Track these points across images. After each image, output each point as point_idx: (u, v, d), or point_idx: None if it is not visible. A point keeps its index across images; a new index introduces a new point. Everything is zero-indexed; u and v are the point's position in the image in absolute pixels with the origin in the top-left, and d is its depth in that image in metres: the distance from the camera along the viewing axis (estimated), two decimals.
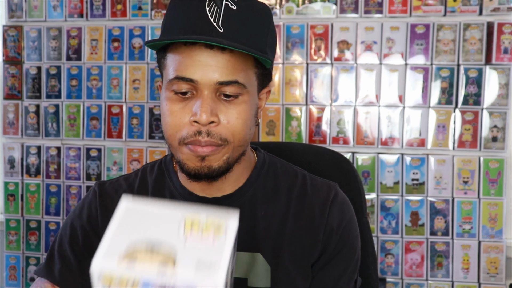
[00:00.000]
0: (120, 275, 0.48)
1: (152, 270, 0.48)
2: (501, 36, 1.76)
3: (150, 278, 0.47)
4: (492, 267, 1.80)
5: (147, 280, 0.47)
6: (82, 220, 0.88)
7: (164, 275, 0.47)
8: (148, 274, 0.47)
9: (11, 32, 2.07)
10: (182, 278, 0.47)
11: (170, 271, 0.47)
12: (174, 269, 0.48)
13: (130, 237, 0.50)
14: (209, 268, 0.48)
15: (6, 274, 2.11)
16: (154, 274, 0.47)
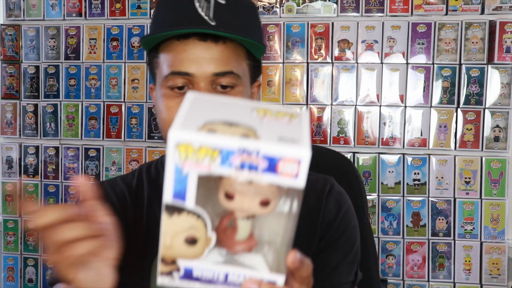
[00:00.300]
0: (199, 143, 0.45)
1: (233, 139, 0.45)
2: (503, 35, 1.75)
3: (231, 147, 0.44)
4: (494, 268, 1.78)
5: (228, 148, 0.44)
6: None
7: (246, 145, 0.44)
8: (229, 143, 0.44)
9: (9, 31, 2.05)
10: (266, 147, 0.44)
11: (252, 141, 0.44)
12: (256, 140, 0.45)
13: (204, 115, 0.48)
14: (293, 141, 0.45)
15: (4, 275, 2.09)
16: (236, 143, 0.44)
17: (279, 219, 0.51)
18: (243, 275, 0.50)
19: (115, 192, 0.90)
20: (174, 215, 0.48)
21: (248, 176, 0.45)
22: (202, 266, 0.50)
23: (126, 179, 0.92)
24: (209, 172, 0.46)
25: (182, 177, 0.46)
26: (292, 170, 0.45)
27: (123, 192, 0.89)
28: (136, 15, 1.96)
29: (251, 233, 0.51)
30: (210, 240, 0.49)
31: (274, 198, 0.49)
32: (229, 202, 0.49)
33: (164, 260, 0.50)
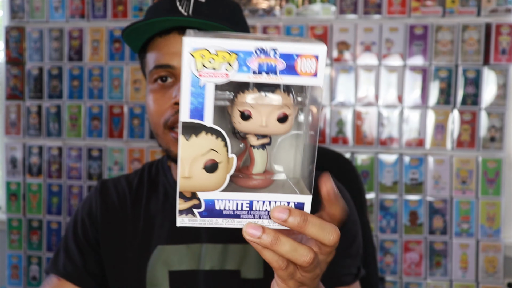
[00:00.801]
0: (215, 47, 0.43)
1: (250, 40, 0.44)
2: (499, 37, 1.77)
3: (248, 48, 0.43)
4: (490, 266, 1.81)
5: (245, 50, 0.43)
6: (83, 213, 0.93)
7: (263, 45, 0.44)
8: (246, 44, 0.43)
9: (13, 33, 2.08)
10: (283, 45, 0.44)
11: (269, 42, 0.44)
12: (273, 41, 0.44)
13: (213, 37, 0.45)
14: (310, 41, 0.45)
15: (8, 273, 2.12)
16: (253, 43, 0.44)
17: (295, 141, 0.49)
18: (268, 201, 0.47)
19: (117, 191, 0.93)
20: (192, 137, 0.45)
21: (267, 79, 0.44)
22: (223, 196, 0.47)
23: (129, 178, 0.96)
24: (228, 80, 0.44)
25: (199, 91, 0.44)
26: (311, 67, 0.44)
27: (124, 191, 0.93)
28: (137, 17, 1.98)
29: (267, 165, 0.49)
30: (232, 163, 0.47)
31: (291, 113, 0.48)
32: (245, 123, 0.47)
33: (183, 194, 0.47)
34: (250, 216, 0.48)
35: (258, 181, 0.49)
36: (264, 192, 0.47)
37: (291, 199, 0.47)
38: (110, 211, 0.91)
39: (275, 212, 0.46)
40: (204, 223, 0.48)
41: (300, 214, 0.46)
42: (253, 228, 0.46)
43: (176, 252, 0.84)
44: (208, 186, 0.46)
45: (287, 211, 0.46)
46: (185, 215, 0.47)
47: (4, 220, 2.14)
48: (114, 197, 0.92)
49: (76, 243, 0.91)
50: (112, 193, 0.93)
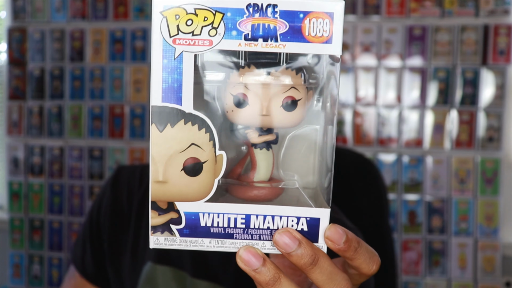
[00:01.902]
0: (194, 4, 0.33)
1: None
2: (497, 37, 1.79)
3: (238, 4, 0.33)
4: (488, 265, 1.82)
5: (234, 7, 0.33)
6: (95, 204, 0.87)
7: (258, 2, 0.33)
8: (236, 1, 0.33)
9: (15, 34, 2.10)
10: (286, 1, 0.33)
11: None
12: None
13: None
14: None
15: (10, 272, 2.14)
16: (244, 1, 0.33)
17: (309, 137, 0.38)
18: (271, 215, 0.35)
19: (128, 185, 0.85)
20: (167, 127, 0.34)
21: (264, 46, 0.33)
22: (211, 208, 0.35)
23: (143, 172, 0.86)
24: (211, 48, 0.34)
25: (174, 64, 0.34)
26: (323, 30, 0.34)
27: (134, 187, 0.85)
28: (138, 18, 2.00)
29: (273, 171, 0.38)
30: (221, 164, 0.35)
31: (301, 98, 0.36)
32: (240, 111, 0.36)
33: (157, 205, 0.35)
34: (246, 236, 0.36)
35: (261, 190, 0.37)
36: (266, 204, 0.36)
37: (303, 213, 0.36)
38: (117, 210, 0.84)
39: (280, 238, 0.35)
40: (185, 244, 0.36)
41: (311, 251, 0.35)
42: (251, 255, 0.35)
43: (162, 274, 0.75)
44: (190, 194, 0.35)
45: (296, 241, 0.35)
46: (160, 233, 0.36)
47: (6, 219, 2.16)
48: (124, 193, 0.84)
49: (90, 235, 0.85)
50: (124, 188, 0.84)
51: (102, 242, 0.85)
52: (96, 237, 0.85)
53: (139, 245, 0.80)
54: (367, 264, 0.38)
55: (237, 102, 0.36)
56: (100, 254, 0.84)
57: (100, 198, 0.87)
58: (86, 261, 0.85)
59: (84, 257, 0.85)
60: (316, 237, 0.36)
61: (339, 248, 0.36)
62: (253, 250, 0.35)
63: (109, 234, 0.84)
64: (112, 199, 0.84)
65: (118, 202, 0.84)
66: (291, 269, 0.41)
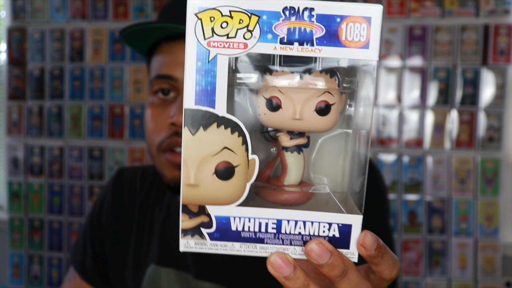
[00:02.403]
0: (229, 7, 0.33)
1: (278, 0, 0.33)
2: (497, 37, 1.79)
3: (274, 7, 0.33)
4: (489, 265, 1.82)
5: (270, 10, 0.33)
6: (94, 210, 0.87)
7: (295, 3, 0.33)
8: (272, 4, 0.33)
9: (15, 34, 2.09)
10: (321, 4, 0.33)
11: (303, 1, 0.33)
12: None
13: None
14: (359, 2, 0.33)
15: (10, 272, 2.14)
16: (280, 4, 0.33)
17: (342, 142, 0.37)
18: (303, 221, 0.35)
19: (130, 187, 0.84)
20: (199, 130, 0.34)
21: (300, 50, 0.33)
22: (242, 212, 0.35)
23: (145, 173, 0.85)
24: (246, 51, 0.33)
25: (208, 67, 0.34)
26: (361, 34, 0.33)
27: (135, 189, 0.84)
28: (138, 18, 2.00)
29: (303, 174, 0.38)
30: (254, 168, 0.35)
31: (335, 102, 0.36)
32: (273, 114, 0.36)
33: (188, 208, 0.35)
34: (277, 241, 0.36)
35: (291, 194, 0.37)
36: (297, 209, 0.36)
37: (335, 219, 0.36)
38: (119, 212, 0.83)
39: (313, 249, 0.35)
40: (216, 248, 0.36)
41: (341, 263, 0.36)
42: (282, 261, 0.35)
43: (166, 276, 0.75)
44: (221, 198, 0.35)
45: (329, 253, 0.35)
46: (190, 236, 0.36)
47: (5, 219, 2.16)
48: (126, 195, 0.84)
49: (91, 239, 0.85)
50: (125, 190, 0.84)
51: (103, 244, 0.84)
52: (97, 239, 0.84)
53: (142, 247, 0.79)
54: (389, 270, 0.38)
55: (270, 105, 0.36)
56: (101, 256, 0.84)
57: (101, 200, 0.86)
58: (87, 263, 0.84)
59: (85, 259, 0.84)
60: (347, 243, 0.36)
61: (370, 255, 0.36)
62: (284, 256, 0.35)
63: (111, 236, 0.83)
64: (113, 201, 0.84)
65: (120, 204, 0.83)
66: (315, 273, 0.41)
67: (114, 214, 0.84)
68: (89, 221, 0.86)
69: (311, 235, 0.36)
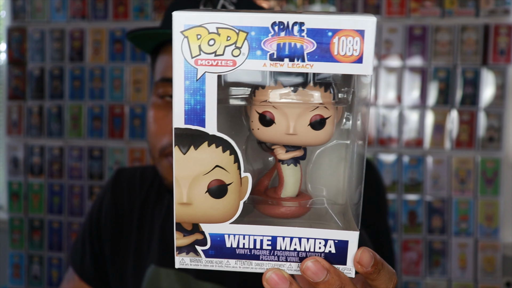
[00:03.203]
0: (216, 24, 0.32)
1: (264, 15, 0.31)
2: (497, 37, 1.79)
3: (263, 22, 0.31)
4: (489, 265, 1.82)
5: (258, 26, 0.31)
6: (94, 209, 0.86)
7: (284, 18, 0.31)
8: (260, 17, 0.32)
9: (15, 34, 2.09)
10: (312, 18, 0.32)
11: (291, 14, 0.32)
12: (299, 14, 0.32)
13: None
14: (351, 13, 0.33)
15: (10, 272, 2.14)
16: (269, 17, 0.31)
17: (339, 153, 0.37)
18: (298, 237, 0.35)
19: (129, 187, 0.84)
20: (190, 149, 0.34)
21: (291, 67, 0.32)
22: (236, 230, 0.35)
23: (144, 173, 0.85)
24: (234, 68, 0.32)
25: (196, 85, 0.33)
26: (353, 49, 0.32)
27: (135, 188, 0.84)
28: (138, 18, 2.00)
29: (301, 187, 0.37)
30: (246, 186, 0.35)
31: (330, 115, 0.35)
32: (266, 129, 0.35)
33: (181, 226, 0.35)
34: (273, 258, 0.36)
35: (288, 208, 0.37)
36: (293, 225, 0.35)
37: (331, 236, 0.35)
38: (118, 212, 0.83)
39: (308, 267, 0.35)
40: (211, 264, 0.36)
41: (338, 281, 0.35)
42: (278, 278, 0.35)
43: (166, 276, 0.74)
44: (215, 216, 0.35)
45: (325, 271, 0.35)
46: (185, 253, 0.36)
47: (5, 219, 2.15)
48: (125, 195, 0.83)
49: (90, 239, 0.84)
50: (124, 190, 0.83)
51: (102, 245, 0.83)
52: (96, 239, 0.84)
53: (141, 248, 0.79)
54: (386, 284, 0.38)
55: (263, 120, 0.35)
56: (100, 257, 0.83)
57: (100, 200, 0.85)
58: (85, 263, 0.84)
59: (83, 259, 0.84)
60: (344, 260, 0.36)
61: (367, 271, 0.36)
62: (280, 273, 0.35)
63: (111, 237, 0.83)
64: (112, 201, 0.83)
65: (119, 204, 0.83)
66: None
67: (114, 215, 0.83)
68: (88, 221, 0.86)
69: (306, 252, 0.36)
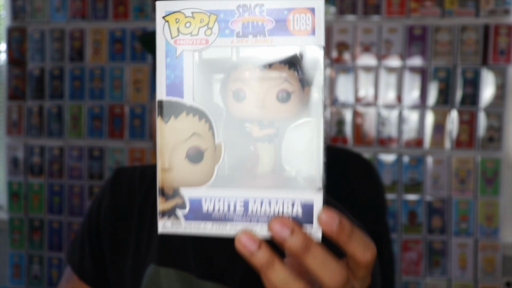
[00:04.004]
0: (191, 9, 0.38)
1: (231, 0, 0.38)
2: (497, 37, 1.79)
3: (230, 6, 0.38)
4: (489, 265, 1.82)
5: (226, 9, 0.38)
6: (93, 205, 0.86)
7: (247, 1, 0.38)
8: (227, 2, 0.38)
9: (15, 34, 2.09)
10: (271, 1, 0.38)
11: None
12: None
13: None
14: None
15: (10, 272, 2.14)
16: (234, 3, 0.38)
17: (305, 130, 0.40)
18: (268, 199, 0.38)
19: (128, 186, 0.84)
20: (171, 119, 0.39)
21: (254, 42, 0.38)
22: (212, 193, 0.39)
23: (144, 172, 0.85)
24: (208, 46, 0.38)
25: (175, 61, 0.39)
26: (306, 24, 0.37)
27: (135, 187, 0.83)
28: (138, 18, 2.00)
29: (275, 163, 0.40)
30: (220, 151, 0.39)
31: (294, 90, 0.39)
32: (239, 105, 0.39)
33: (164, 191, 0.39)
34: (245, 219, 0.38)
35: (264, 181, 0.40)
36: (264, 189, 0.38)
37: (297, 196, 0.38)
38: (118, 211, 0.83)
39: (274, 225, 0.37)
40: (190, 228, 0.39)
41: (302, 238, 0.36)
42: (247, 238, 0.37)
43: (166, 276, 0.74)
44: (193, 180, 0.39)
45: (289, 228, 0.36)
46: (167, 217, 0.39)
47: (5, 219, 2.16)
48: (125, 194, 0.83)
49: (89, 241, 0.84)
50: (124, 189, 0.83)
51: (101, 244, 0.83)
52: (95, 238, 0.84)
53: (141, 247, 0.79)
54: (361, 252, 0.38)
55: (235, 96, 0.39)
56: (100, 256, 0.83)
57: (99, 200, 0.85)
58: (85, 263, 0.84)
59: (83, 259, 0.84)
60: (310, 220, 0.38)
61: (332, 231, 0.37)
62: (250, 234, 0.37)
63: (110, 236, 0.82)
64: (112, 200, 0.83)
65: (119, 203, 0.83)
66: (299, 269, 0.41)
67: (113, 214, 0.83)
68: (86, 221, 0.86)
69: (276, 214, 0.39)
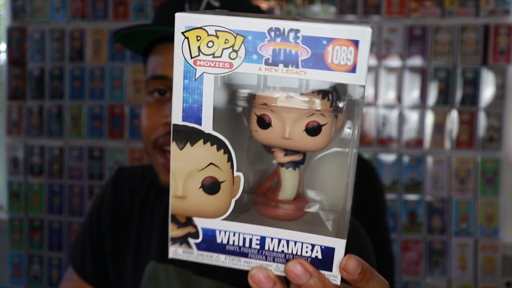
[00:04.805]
0: (215, 26, 0.33)
1: (262, 18, 0.33)
2: (497, 37, 1.79)
3: (260, 28, 0.33)
4: (489, 265, 1.82)
5: (256, 31, 0.33)
6: (95, 204, 0.87)
7: (280, 25, 0.32)
8: (258, 22, 0.33)
9: (15, 34, 2.09)
10: (307, 26, 0.32)
11: (288, 21, 0.33)
12: (295, 21, 0.33)
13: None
14: (348, 22, 0.34)
15: (10, 272, 2.14)
16: (267, 22, 0.33)
17: (337, 161, 0.37)
18: (286, 239, 0.36)
19: (129, 185, 0.84)
20: (187, 145, 0.36)
21: (284, 72, 0.33)
22: (227, 226, 0.37)
23: (144, 172, 0.86)
24: (231, 71, 0.34)
25: (194, 84, 0.34)
26: (347, 58, 0.32)
27: (135, 186, 0.84)
28: (138, 17, 2.00)
29: (298, 190, 0.38)
30: (238, 184, 0.36)
31: (326, 123, 0.36)
32: (264, 132, 0.36)
33: (176, 218, 0.37)
34: (261, 257, 0.37)
35: (283, 211, 0.38)
36: (283, 227, 0.36)
37: (318, 241, 0.35)
38: (119, 210, 0.83)
39: (293, 268, 0.35)
40: (202, 257, 0.38)
41: (321, 285, 0.35)
42: (262, 276, 0.36)
43: (165, 272, 0.75)
44: (207, 211, 0.36)
45: (308, 274, 0.35)
46: (178, 244, 0.38)
47: (5, 219, 2.16)
48: (125, 193, 0.84)
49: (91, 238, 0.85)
50: (125, 188, 0.84)
51: (102, 243, 0.84)
52: (97, 238, 0.84)
53: (141, 245, 0.79)
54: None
55: (260, 123, 0.36)
56: (101, 255, 0.84)
57: (100, 199, 0.86)
58: (86, 262, 0.84)
59: (83, 259, 0.84)
60: (330, 266, 0.36)
61: (353, 279, 0.36)
62: (265, 272, 0.36)
63: (111, 235, 0.83)
64: (113, 199, 0.84)
65: (120, 203, 0.83)
66: None
67: (114, 213, 0.83)
68: (88, 220, 0.86)
69: (293, 254, 0.36)
